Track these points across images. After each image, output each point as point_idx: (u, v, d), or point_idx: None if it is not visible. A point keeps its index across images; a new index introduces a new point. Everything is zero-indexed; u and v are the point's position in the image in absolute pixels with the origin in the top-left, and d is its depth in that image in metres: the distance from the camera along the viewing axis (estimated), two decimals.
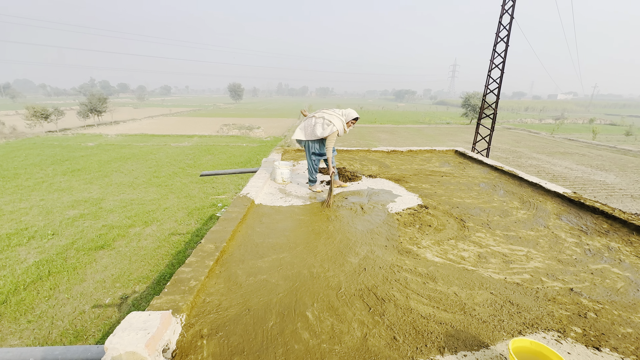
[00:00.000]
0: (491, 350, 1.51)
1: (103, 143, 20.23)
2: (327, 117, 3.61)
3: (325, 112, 3.71)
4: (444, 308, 1.80)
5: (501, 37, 12.78)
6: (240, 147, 19.75)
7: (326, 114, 3.65)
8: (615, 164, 16.96)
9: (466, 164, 5.45)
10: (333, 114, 3.65)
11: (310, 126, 3.68)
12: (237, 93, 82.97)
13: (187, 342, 1.51)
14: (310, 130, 3.71)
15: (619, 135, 29.72)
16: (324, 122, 3.60)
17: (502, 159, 17.75)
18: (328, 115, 3.63)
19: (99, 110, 29.04)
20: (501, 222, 3.02)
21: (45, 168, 13.47)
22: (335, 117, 3.62)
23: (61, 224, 7.92)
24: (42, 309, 4.91)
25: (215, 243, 2.36)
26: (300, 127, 3.78)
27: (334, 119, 3.60)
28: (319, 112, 3.75)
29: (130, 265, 6.16)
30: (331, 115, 3.63)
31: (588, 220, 3.09)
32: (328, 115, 3.64)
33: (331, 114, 3.65)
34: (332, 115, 3.63)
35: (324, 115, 3.65)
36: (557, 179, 13.52)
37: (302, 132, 3.74)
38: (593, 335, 1.62)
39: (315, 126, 3.64)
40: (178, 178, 12.36)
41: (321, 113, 3.70)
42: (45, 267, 5.99)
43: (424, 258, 2.35)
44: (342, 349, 1.50)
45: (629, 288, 2.03)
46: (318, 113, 3.74)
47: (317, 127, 3.63)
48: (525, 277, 2.12)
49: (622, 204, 10.66)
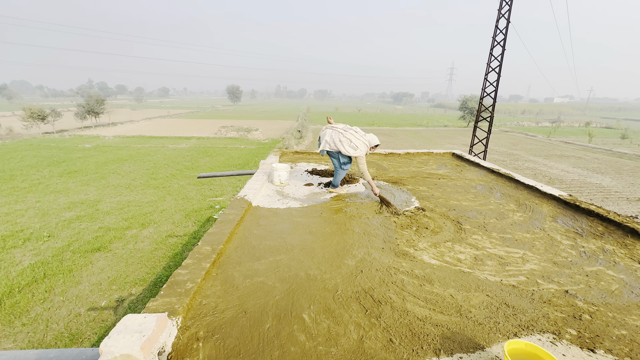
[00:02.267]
0: (487, 352, 1.51)
1: (100, 145, 20.16)
2: (354, 141, 3.76)
3: (353, 134, 3.81)
4: (440, 310, 1.81)
5: (498, 41, 12.89)
6: (238, 149, 19.74)
7: (353, 138, 3.77)
8: (611, 166, 17.10)
9: (463, 167, 5.47)
10: (360, 139, 3.79)
11: (337, 141, 3.80)
12: (236, 95, 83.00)
13: (183, 345, 1.51)
14: (334, 144, 3.81)
15: (615, 139, 29.98)
16: (351, 144, 3.75)
17: (499, 161, 17.84)
18: (355, 140, 3.77)
19: (97, 111, 28.95)
20: (497, 225, 3.03)
21: (41, 170, 13.40)
22: (362, 142, 3.78)
23: (57, 226, 7.87)
24: (37, 311, 4.87)
25: (212, 245, 2.36)
26: (325, 138, 3.86)
27: (360, 145, 3.76)
28: (345, 128, 3.85)
29: (127, 268, 6.13)
30: (358, 140, 3.77)
31: (583, 222, 3.12)
32: (355, 139, 3.77)
33: (358, 139, 3.78)
34: (359, 140, 3.78)
35: (350, 138, 3.77)
36: (554, 182, 13.61)
37: (327, 145, 3.85)
38: (588, 337, 1.63)
39: (342, 142, 3.77)
40: (175, 180, 12.33)
41: (348, 134, 3.80)
42: (41, 269, 5.95)
43: (420, 260, 2.36)
44: (338, 351, 1.50)
45: (623, 290, 2.04)
46: (344, 130, 3.83)
47: (343, 144, 3.76)
48: (521, 280, 2.13)
49: (618, 206, 10.74)
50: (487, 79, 13.55)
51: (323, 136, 3.89)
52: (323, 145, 3.86)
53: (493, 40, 12.96)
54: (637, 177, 14.77)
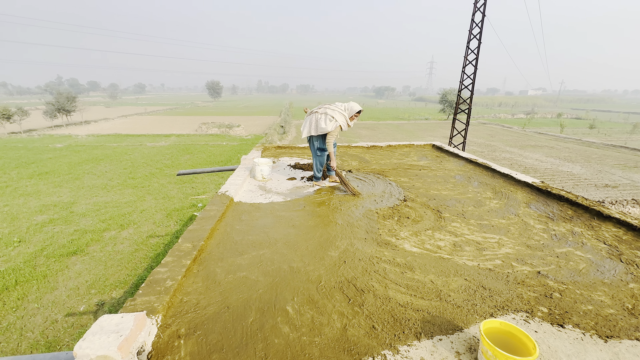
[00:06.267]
0: (465, 333, 1.57)
1: (73, 144, 19.23)
2: (329, 112, 3.64)
3: (328, 107, 3.72)
4: (420, 296, 1.85)
5: (474, 35, 13.19)
6: (220, 145, 19.36)
7: (329, 110, 3.67)
8: (581, 155, 18.01)
9: (443, 158, 5.60)
10: (335, 109, 3.67)
11: (314, 121, 3.70)
12: (216, 91, 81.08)
13: (163, 343, 1.48)
14: (314, 125, 3.72)
15: (584, 129, 31.54)
16: (327, 117, 3.63)
17: (477, 152, 18.41)
18: (330, 111, 3.65)
19: (68, 109, 27.56)
20: (475, 212, 3.14)
21: (8, 172, 12.66)
22: (338, 112, 3.66)
23: (29, 230, 7.48)
24: (9, 320, 4.64)
25: (193, 242, 2.31)
26: (304, 124, 3.79)
27: (336, 114, 3.64)
28: (321, 108, 3.77)
29: (106, 271, 5.92)
30: (334, 111, 3.65)
31: (554, 207, 3.27)
32: (331, 110, 3.66)
33: (334, 109, 3.67)
34: (334, 111, 3.66)
35: (326, 110, 3.67)
36: (529, 171, 14.19)
37: (306, 129, 3.76)
38: (558, 313, 1.72)
39: (318, 121, 3.66)
40: (155, 179, 11.97)
41: (324, 109, 3.71)
42: (12, 276, 5.65)
43: (402, 249, 2.41)
44: (322, 340, 1.51)
45: (590, 269, 2.17)
46: (321, 109, 3.76)
47: (320, 122, 3.65)
48: (497, 263, 2.22)
49: (587, 192, 11.35)
50: (465, 72, 13.87)
51: (304, 124, 3.84)
52: (305, 133, 3.79)
53: (469, 34, 13.25)
54: (604, 165, 15.64)
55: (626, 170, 14.68)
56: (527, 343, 1.36)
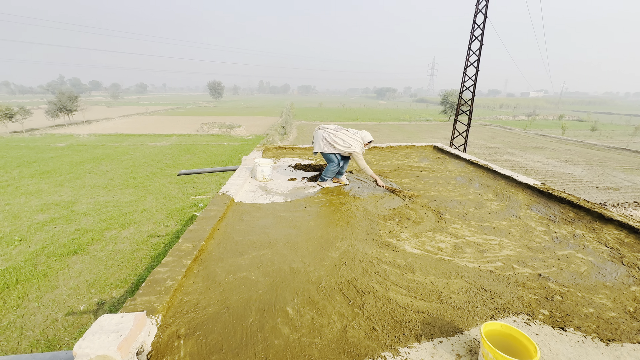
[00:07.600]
0: (465, 335, 1.56)
1: (74, 143, 19.28)
2: (346, 139, 3.87)
3: (344, 132, 3.92)
4: (421, 297, 1.85)
5: (475, 36, 13.18)
6: (221, 145, 19.38)
7: (345, 136, 3.88)
8: (582, 157, 17.96)
9: (444, 159, 5.60)
10: (352, 137, 3.90)
11: (331, 141, 3.88)
12: (217, 91, 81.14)
13: (163, 343, 1.48)
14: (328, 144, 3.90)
15: (585, 131, 31.46)
16: (344, 143, 3.86)
17: (478, 154, 18.38)
18: (347, 138, 3.88)
19: (70, 109, 27.62)
20: (476, 214, 3.13)
21: (10, 170, 12.69)
22: (354, 140, 3.89)
23: (30, 229, 7.49)
24: (9, 319, 4.64)
25: (193, 242, 2.31)
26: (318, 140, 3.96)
27: (353, 143, 3.87)
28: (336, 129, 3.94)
29: (107, 270, 5.92)
30: (350, 139, 3.88)
31: (556, 209, 3.26)
32: (347, 137, 3.88)
33: (350, 137, 3.89)
34: (351, 139, 3.88)
35: (343, 137, 3.88)
36: (530, 173, 14.16)
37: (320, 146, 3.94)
38: (559, 316, 1.71)
39: (336, 143, 3.87)
40: (156, 178, 11.98)
41: (340, 134, 3.89)
42: (13, 275, 5.66)
43: (402, 250, 2.40)
44: (322, 342, 1.51)
45: (591, 271, 2.16)
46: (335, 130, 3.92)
47: (338, 144, 3.87)
48: (498, 265, 2.21)
49: (588, 194, 11.32)
50: (466, 73, 13.86)
51: (316, 137, 4.01)
52: (317, 148, 3.97)
53: (471, 35, 13.25)
54: (606, 167, 15.60)
55: (628, 172, 14.63)
56: (528, 346, 1.36)
